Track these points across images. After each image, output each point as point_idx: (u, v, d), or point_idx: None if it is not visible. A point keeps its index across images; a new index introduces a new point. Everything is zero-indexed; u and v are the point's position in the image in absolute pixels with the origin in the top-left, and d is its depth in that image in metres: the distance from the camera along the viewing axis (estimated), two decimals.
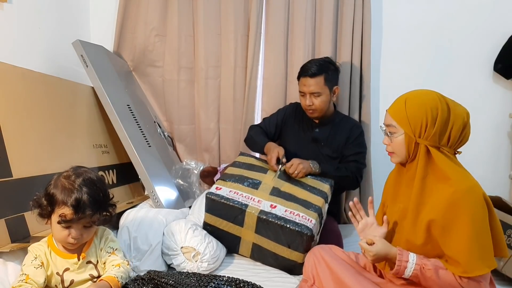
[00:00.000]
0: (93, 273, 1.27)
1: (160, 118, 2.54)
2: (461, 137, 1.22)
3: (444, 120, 1.19)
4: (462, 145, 1.24)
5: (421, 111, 1.20)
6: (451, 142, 1.21)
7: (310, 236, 1.57)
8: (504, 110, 2.41)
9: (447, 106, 1.21)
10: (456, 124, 1.20)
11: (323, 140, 2.05)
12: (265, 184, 1.78)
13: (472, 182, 1.17)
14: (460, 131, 1.21)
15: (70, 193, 1.16)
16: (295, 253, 1.62)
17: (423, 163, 1.22)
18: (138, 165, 1.96)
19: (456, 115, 1.20)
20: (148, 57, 2.45)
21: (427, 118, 1.20)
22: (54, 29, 2.12)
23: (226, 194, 1.71)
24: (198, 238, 1.66)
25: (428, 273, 1.16)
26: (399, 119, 1.24)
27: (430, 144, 1.21)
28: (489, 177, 2.42)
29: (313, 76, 1.94)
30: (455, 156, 1.25)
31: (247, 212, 1.65)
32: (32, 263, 1.19)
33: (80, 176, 1.21)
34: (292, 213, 1.63)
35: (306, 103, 1.98)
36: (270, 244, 1.66)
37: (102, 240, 1.32)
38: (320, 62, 2.00)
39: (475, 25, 2.37)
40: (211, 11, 2.38)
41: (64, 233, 1.19)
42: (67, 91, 1.90)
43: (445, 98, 1.23)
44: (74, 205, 1.15)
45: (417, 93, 1.27)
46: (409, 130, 1.22)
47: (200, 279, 1.30)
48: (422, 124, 1.20)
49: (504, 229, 1.67)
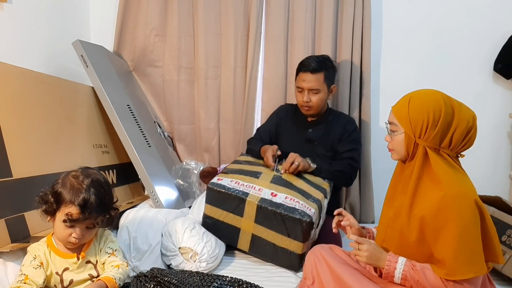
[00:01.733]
0: (93, 273, 1.27)
1: (160, 118, 2.54)
2: (465, 141, 1.20)
3: (446, 123, 1.18)
4: (466, 148, 1.23)
5: (423, 111, 1.19)
6: (453, 145, 1.20)
7: (310, 223, 1.57)
8: (504, 110, 2.41)
9: (451, 109, 1.19)
10: (459, 128, 1.18)
11: (317, 139, 2.04)
12: (266, 174, 1.80)
13: (463, 187, 1.16)
14: (464, 135, 1.19)
15: (78, 193, 1.17)
16: (295, 243, 1.62)
17: (420, 163, 1.21)
18: (138, 165, 1.96)
19: (460, 118, 1.18)
20: (148, 57, 2.45)
21: (428, 119, 1.19)
22: (54, 29, 2.13)
23: (227, 184, 1.73)
24: (195, 238, 1.66)
25: (417, 275, 1.18)
26: (401, 118, 1.24)
27: (429, 146, 1.20)
28: (489, 177, 2.42)
29: (314, 72, 1.92)
30: (457, 159, 1.24)
31: (247, 201, 1.67)
32: (31, 264, 1.19)
33: (89, 177, 1.22)
34: (292, 200, 1.64)
35: (304, 99, 1.96)
36: (270, 234, 1.66)
37: (101, 241, 1.32)
38: (320, 58, 1.98)
39: (475, 25, 2.37)
40: (211, 11, 2.38)
41: (67, 232, 1.20)
42: (67, 91, 1.90)
43: (451, 100, 1.21)
44: (81, 205, 1.16)
45: (422, 92, 1.26)
46: (409, 129, 1.22)
47: (203, 278, 1.31)
48: (423, 125, 1.20)
49: (504, 229, 1.66)
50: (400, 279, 1.21)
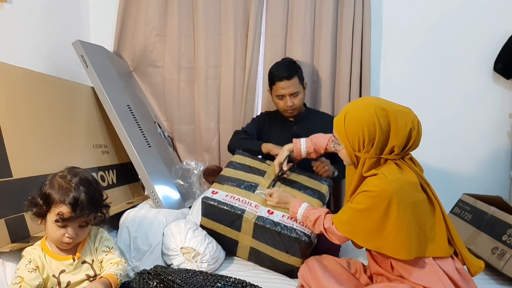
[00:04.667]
0: (89, 273, 1.27)
1: (160, 118, 2.54)
2: (408, 146, 1.24)
3: (383, 135, 1.21)
4: (411, 150, 1.28)
5: (358, 128, 1.23)
6: (395, 151, 1.24)
7: (308, 243, 1.56)
8: (504, 110, 2.40)
9: (386, 120, 1.21)
10: (398, 137, 1.21)
11: (303, 135, 2.07)
12: (262, 187, 1.76)
13: (381, 181, 1.22)
14: (404, 141, 1.22)
15: (68, 192, 1.17)
16: (293, 258, 1.60)
17: (360, 171, 1.29)
18: (138, 165, 1.96)
19: (397, 128, 1.21)
20: (148, 57, 2.45)
21: (363, 135, 1.23)
22: (54, 29, 2.12)
23: (222, 198, 1.68)
24: (198, 238, 1.66)
25: (309, 224, 1.50)
26: (339, 134, 1.30)
27: (370, 157, 1.25)
28: (489, 177, 2.42)
29: (290, 77, 2.01)
30: (405, 159, 1.27)
31: (244, 218, 1.63)
32: (26, 267, 1.19)
33: (77, 176, 1.21)
34: (289, 219, 1.61)
35: (288, 105, 2.04)
36: (268, 249, 1.64)
37: (96, 239, 1.32)
38: (286, 63, 2.08)
39: (475, 25, 2.37)
40: (211, 11, 2.38)
41: (60, 232, 1.19)
42: (67, 91, 1.90)
43: (386, 110, 1.22)
44: (72, 203, 1.16)
45: (356, 106, 1.29)
46: (348, 145, 1.28)
47: (206, 278, 1.30)
48: (359, 141, 1.24)
49: (504, 229, 1.67)
50: (300, 221, 1.54)
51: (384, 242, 1.25)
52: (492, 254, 1.66)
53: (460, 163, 2.45)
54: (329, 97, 2.39)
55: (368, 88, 2.34)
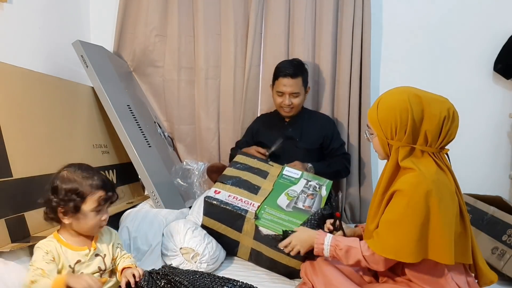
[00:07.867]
0: (101, 266, 1.28)
1: (160, 118, 2.54)
2: (443, 135, 1.19)
3: (416, 122, 1.18)
4: (447, 142, 1.23)
5: (391, 114, 1.21)
6: (430, 141, 1.20)
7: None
8: (504, 110, 2.41)
9: (419, 107, 1.18)
10: (431, 124, 1.18)
11: (298, 136, 2.14)
12: (264, 190, 1.77)
13: (419, 179, 1.15)
14: (439, 129, 1.18)
15: (91, 179, 1.23)
16: (294, 261, 1.60)
17: (393, 162, 1.23)
18: (138, 165, 1.96)
19: (431, 114, 1.18)
20: (148, 57, 2.45)
21: (396, 121, 1.20)
22: (54, 29, 2.12)
23: (225, 198, 1.69)
24: (197, 239, 1.66)
25: (340, 253, 1.26)
26: (372, 122, 1.27)
27: (403, 145, 1.21)
28: (489, 177, 2.42)
29: (294, 76, 2.03)
30: (441, 154, 1.23)
31: (246, 218, 1.64)
32: (44, 258, 1.19)
33: (81, 166, 1.27)
34: None
35: (286, 103, 2.06)
36: (269, 251, 1.64)
37: (112, 236, 1.36)
38: (294, 63, 2.10)
39: (475, 25, 2.38)
40: (211, 11, 2.38)
41: (97, 218, 1.24)
42: (67, 91, 1.90)
43: (420, 97, 1.20)
44: (103, 186, 1.24)
45: (390, 93, 1.27)
46: (381, 132, 1.24)
47: (214, 280, 1.31)
48: (392, 127, 1.21)
49: (505, 228, 1.67)
50: (329, 257, 1.31)
51: (430, 247, 1.16)
52: (492, 254, 1.66)
53: (460, 163, 2.44)
54: (329, 97, 2.39)
55: (368, 88, 2.34)
